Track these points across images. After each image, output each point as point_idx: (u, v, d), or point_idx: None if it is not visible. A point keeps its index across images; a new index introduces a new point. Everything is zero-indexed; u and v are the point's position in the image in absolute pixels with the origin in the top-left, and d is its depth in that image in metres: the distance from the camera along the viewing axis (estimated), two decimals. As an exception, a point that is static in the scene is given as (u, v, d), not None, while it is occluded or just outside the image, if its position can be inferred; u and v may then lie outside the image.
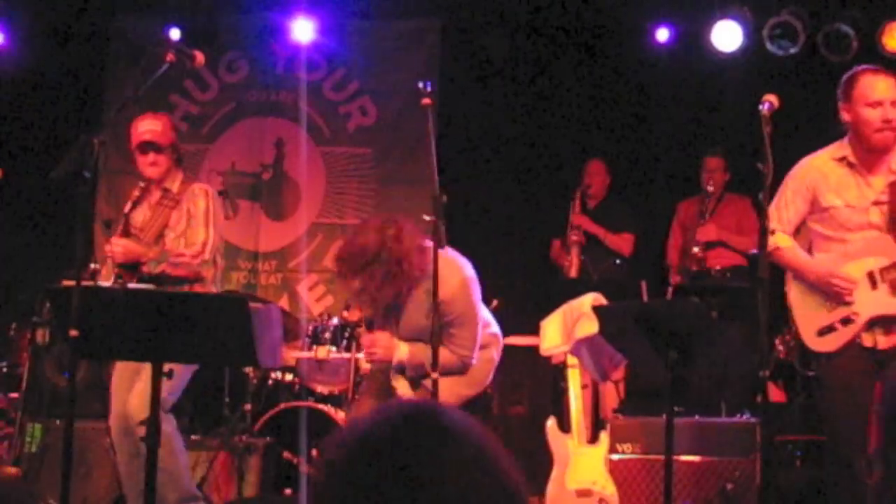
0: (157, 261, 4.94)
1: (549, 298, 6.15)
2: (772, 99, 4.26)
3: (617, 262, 7.51)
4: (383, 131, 8.29)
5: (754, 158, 4.17)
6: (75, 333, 3.65)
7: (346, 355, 6.21)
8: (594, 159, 7.70)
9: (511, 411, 6.74)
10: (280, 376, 6.37)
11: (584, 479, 5.32)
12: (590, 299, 5.36)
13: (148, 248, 4.96)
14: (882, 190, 4.43)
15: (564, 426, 5.45)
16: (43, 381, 6.10)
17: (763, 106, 4.22)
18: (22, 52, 7.87)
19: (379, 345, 4.54)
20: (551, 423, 5.46)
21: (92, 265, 4.87)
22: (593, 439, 5.49)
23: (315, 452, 5.50)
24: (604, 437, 5.45)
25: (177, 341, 3.55)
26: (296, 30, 7.97)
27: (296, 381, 6.35)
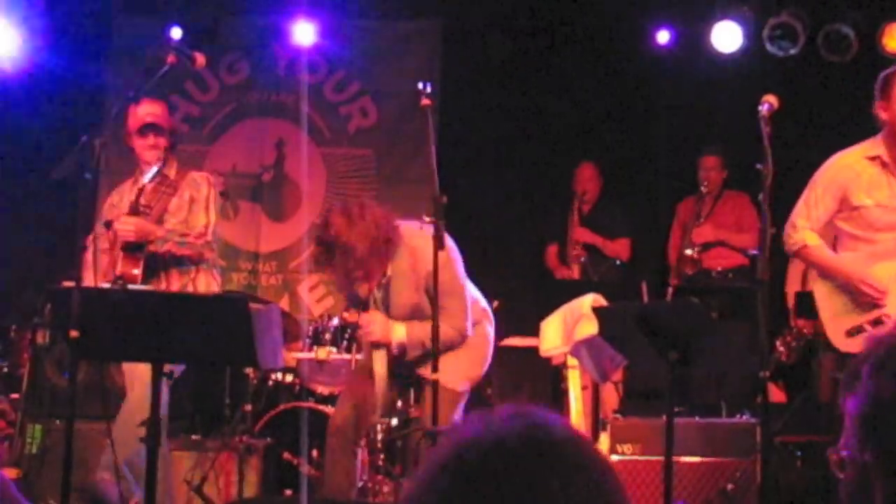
0: (163, 240, 4.95)
1: (549, 300, 6.15)
2: (771, 99, 4.26)
3: (617, 264, 7.52)
4: (383, 132, 8.29)
5: (754, 159, 4.17)
6: (76, 334, 3.65)
7: (346, 356, 6.20)
8: (586, 163, 7.69)
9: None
10: (280, 377, 6.37)
11: (584, 480, 5.31)
12: (589, 300, 5.36)
13: (156, 226, 4.98)
14: None
15: (565, 427, 5.44)
16: (43, 382, 6.10)
17: (763, 106, 4.22)
18: (22, 53, 7.87)
19: (376, 324, 4.53)
20: (551, 423, 5.46)
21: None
22: (593, 440, 5.49)
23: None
24: (604, 437, 5.45)
25: (177, 342, 3.56)
26: (297, 32, 7.97)
27: (296, 381, 6.35)
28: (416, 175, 7.65)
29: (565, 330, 5.45)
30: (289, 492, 5.86)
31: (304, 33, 7.98)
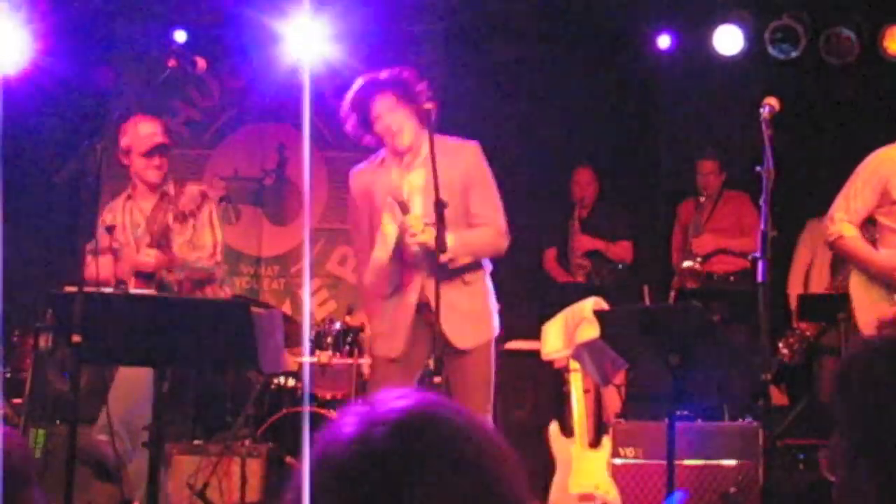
0: (181, 269, 4.90)
1: (551, 303, 6.15)
2: (772, 102, 4.26)
3: (619, 268, 7.51)
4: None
5: (755, 161, 4.17)
6: (78, 339, 3.65)
7: (348, 360, 6.21)
8: (582, 167, 7.67)
9: (513, 415, 6.74)
10: (283, 381, 6.37)
11: (586, 484, 5.32)
12: (591, 303, 5.36)
13: (174, 257, 4.92)
14: None
15: (567, 430, 5.45)
16: (46, 387, 6.10)
17: (764, 109, 4.22)
18: (25, 56, 7.87)
19: (420, 224, 4.32)
20: (554, 427, 5.47)
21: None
22: (596, 444, 5.49)
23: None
24: (606, 441, 5.45)
25: (179, 346, 3.56)
26: (298, 36, 7.96)
27: (298, 385, 6.35)
28: (418, 178, 7.64)
29: (567, 333, 5.45)
30: (291, 496, 5.86)
31: (305, 36, 7.96)
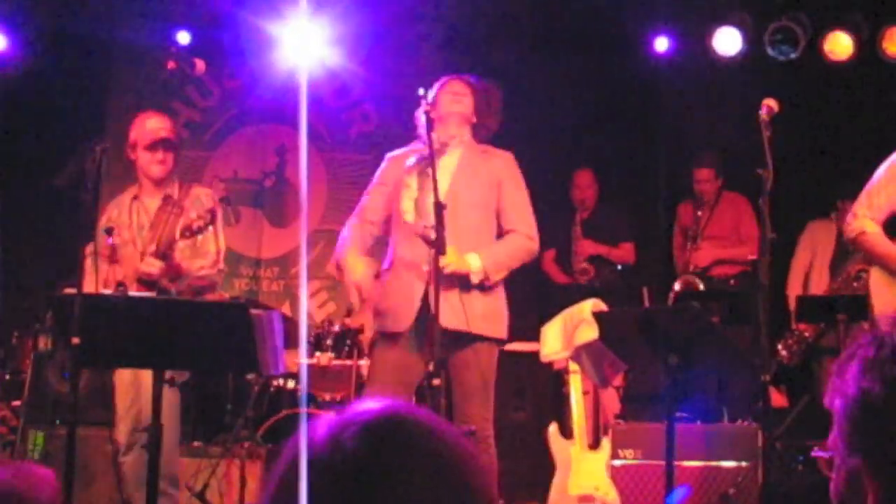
0: (184, 278, 4.85)
1: (550, 305, 6.15)
2: (771, 103, 4.26)
3: (619, 269, 7.51)
4: (384, 137, 8.29)
5: (754, 163, 4.17)
6: (77, 341, 3.66)
7: (348, 362, 6.21)
8: (582, 170, 7.67)
9: (513, 417, 6.74)
10: (282, 383, 6.37)
11: (585, 485, 5.32)
12: (590, 305, 5.37)
13: (177, 269, 4.86)
14: None
15: (566, 432, 5.45)
16: (45, 389, 6.10)
17: (763, 110, 4.22)
18: (24, 58, 7.88)
19: (450, 255, 4.36)
20: (553, 428, 5.47)
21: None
22: (595, 445, 5.49)
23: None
24: (605, 442, 5.45)
25: (179, 349, 3.56)
26: (296, 39, 7.96)
27: (298, 387, 6.35)
28: (417, 180, 7.65)
29: (566, 335, 5.45)
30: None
31: (302, 39, 7.97)
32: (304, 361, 6.22)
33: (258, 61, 8.28)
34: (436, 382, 4.18)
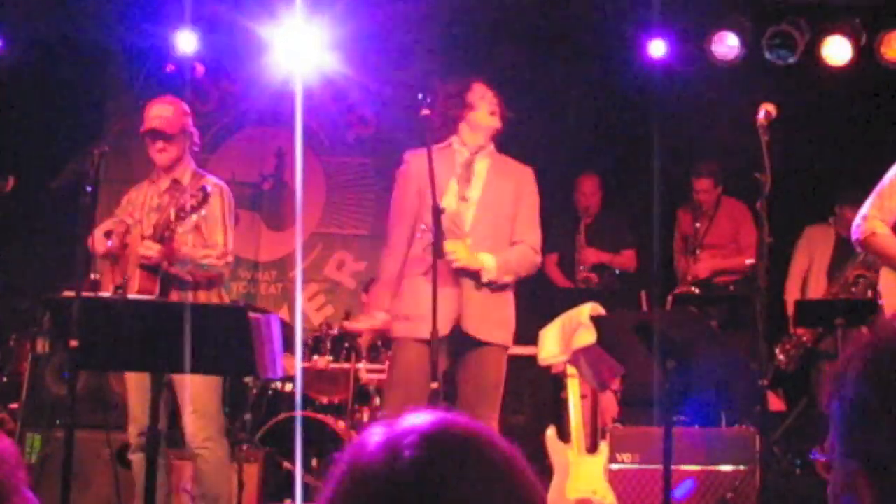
0: (184, 262, 4.78)
1: (548, 308, 6.15)
2: (769, 108, 4.27)
3: (617, 273, 7.51)
4: (382, 141, 8.30)
5: (752, 167, 4.18)
6: (75, 344, 3.65)
7: (346, 365, 6.21)
8: (587, 176, 7.66)
9: (510, 420, 6.74)
10: (280, 386, 6.37)
11: (583, 489, 5.31)
12: (588, 309, 5.36)
13: (178, 249, 4.78)
14: None
15: (564, 435, 5.45)
16: (43, 392, 6.10)
17: (760, 115, 4.22)
18: (23, 60, 7.87)
19: (461, 250, 4.49)
20: (551, 432, 5.46)
21: (92, 275, 4.85)
22: (593, 449, 5.48)
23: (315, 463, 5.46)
24: (603, 446, 5.44)
25: (177, 351, 3.56)
26: (292, 43, 7.95)
27: (295, 390, 6.34)
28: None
29: (564, 338, 5.45)
30: (288, 501, 5.86)
31: (298, 44, 7.96)
32: (299, 365, 6.22)
33: (256, 65, 8.28)
34: (434, 386, 4.19)
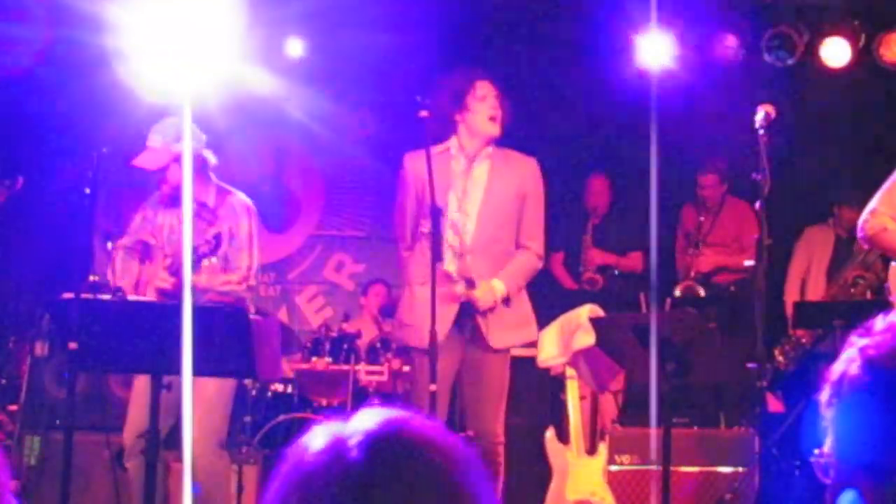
0: (203, 292, 4.58)
1: (547, 309, 6.14)
2: (768, 109, 4.27)
3: (616, 274, 7.49)
4: (382, 143, 8.29)
5: (751, 169, 4.18)
6: (74, 346, 3.66)
7: (345, 367, 6.21)
8: (596, 176, 7.63)
9: (509, 422, 6.73)
10: (279, 388, 6.37)
11: (582, 490, 5.32)
12: (586, 311, 5.36)
13: (196, 282, 4.54)
14: None
15: (563, 437, 5.45)
16: (42, 394, 6.10)
17: (759, 116, 4.23)
18: (21, 61, 7.87)
19: (484, 297, 4.64)
20: (550, 434, 5.47)
21: (91, 277, 4.83)
22: (592, 450, 5.49)
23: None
24: (602, 448, 5.45)
25: (176, 354, 3.56)
26: (289, 47, 7.94)
27: (295, 392, 6.35)
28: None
29: (562, 340, 5.45)
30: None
31: (296, 47, 7.96)
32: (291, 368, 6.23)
33: (255, 66, 8.28)
34: (432, 388, 4.20)
